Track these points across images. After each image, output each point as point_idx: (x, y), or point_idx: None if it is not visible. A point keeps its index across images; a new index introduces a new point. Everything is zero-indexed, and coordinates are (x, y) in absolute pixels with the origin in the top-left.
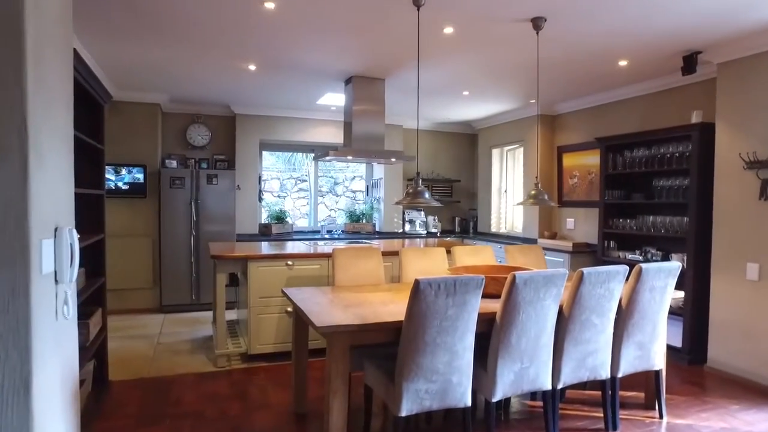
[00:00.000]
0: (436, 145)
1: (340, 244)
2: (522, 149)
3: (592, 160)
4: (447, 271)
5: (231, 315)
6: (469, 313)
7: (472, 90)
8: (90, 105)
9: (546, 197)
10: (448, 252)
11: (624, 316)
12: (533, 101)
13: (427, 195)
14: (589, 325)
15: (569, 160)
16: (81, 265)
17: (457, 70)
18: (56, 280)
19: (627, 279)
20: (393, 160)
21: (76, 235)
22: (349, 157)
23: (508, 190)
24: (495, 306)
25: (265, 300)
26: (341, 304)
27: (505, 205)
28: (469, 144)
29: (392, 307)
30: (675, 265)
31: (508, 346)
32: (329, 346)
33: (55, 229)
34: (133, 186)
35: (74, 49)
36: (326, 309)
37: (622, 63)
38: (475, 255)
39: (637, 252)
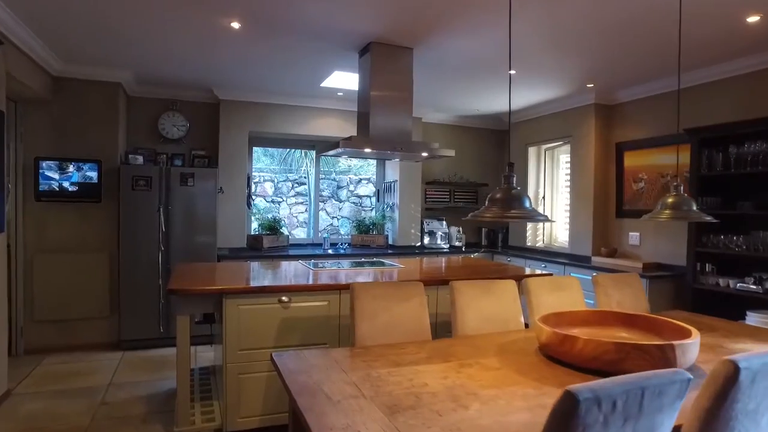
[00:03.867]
0: (458, 142)
1: (345, 264)
2: (568, 147)
3: (666, 158)
4: (540, 325)
5: (208, 354)
6: None
7: (521, 67)
8: None
9: (695, 207)
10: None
11: None
12: (591, 85)
13: (527, 203)
14: None
15: (633, 160)
16: None
17: (512, 35)
18: None
19: None
20: (424, 154)
21: None
22: (367, 150)
23: (547, 196)
24: None
25: (249, 354)
26: (377, 403)
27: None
28: (498, 141)
29: (476, 411)
30: None
31: None
32: None
33: None
34: (83, 187)
35: None
36: (352, 419)
37: (752, 19)
38: (558, 290)
39: (749, 280)
